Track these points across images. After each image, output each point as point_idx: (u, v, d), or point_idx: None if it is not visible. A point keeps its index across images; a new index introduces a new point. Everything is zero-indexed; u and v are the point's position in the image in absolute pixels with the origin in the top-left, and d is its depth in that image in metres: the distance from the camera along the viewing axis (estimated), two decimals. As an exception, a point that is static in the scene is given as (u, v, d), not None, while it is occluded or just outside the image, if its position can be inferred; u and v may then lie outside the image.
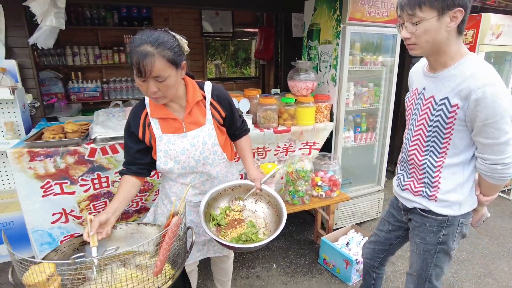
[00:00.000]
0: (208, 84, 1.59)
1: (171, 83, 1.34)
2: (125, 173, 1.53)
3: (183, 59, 1.39)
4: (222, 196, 1.71)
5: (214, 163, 1.61)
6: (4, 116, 2.75)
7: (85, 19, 4.37)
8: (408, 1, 1.24)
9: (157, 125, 1.50)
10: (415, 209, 1.52)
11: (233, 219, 1.62)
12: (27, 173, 2.13)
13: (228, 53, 7.54)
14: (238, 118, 1.71)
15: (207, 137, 1.54)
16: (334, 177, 2.76)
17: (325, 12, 2.93)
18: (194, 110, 1.53)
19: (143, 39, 1.27)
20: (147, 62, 1.24)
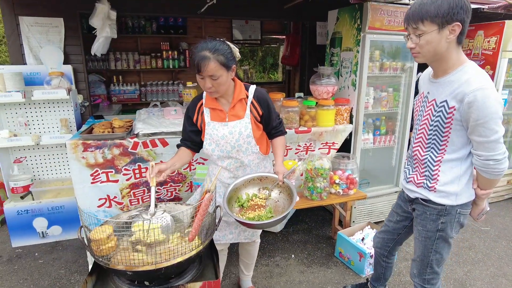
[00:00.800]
0: (252, 87, 1.94)
1: (222, 81, 1.71)
2: (181, 145, 1.97)
3: (234, 63, 1.76)
4: (251, 184, 1.97)
5: (247, 152, 1.92)
6: (60, 113, 3.16)
7: (127, 28, 4.81)
8: (413, 16, 1.44)
9: (208, 113, 1.89)
10: (417, 199, 1.71)
11: (255, 204, 1.87)
12: (80, 162, 2.49)
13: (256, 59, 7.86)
14: (274, 119, 1.98)
15: (243, 128, 1.86)
16: (351, 176, 2.94)
17: (347, 21, 3.13)
18: (237, 106, 1.88)
19: (204, 46, 1.66)
20: (205, 63, 1.63)
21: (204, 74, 1.66)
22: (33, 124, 3.15)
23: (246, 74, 6.40)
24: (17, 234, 3.06)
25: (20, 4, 3.01)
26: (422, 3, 1.40)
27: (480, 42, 3.76)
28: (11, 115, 3.08)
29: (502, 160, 1.45)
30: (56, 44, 3.14)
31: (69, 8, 3.09)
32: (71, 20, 3.13)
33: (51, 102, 3.10)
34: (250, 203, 1.86)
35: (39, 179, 3.28)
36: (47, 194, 3.12)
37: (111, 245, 1.36)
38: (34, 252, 2.99)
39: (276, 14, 3.87)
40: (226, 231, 2.10)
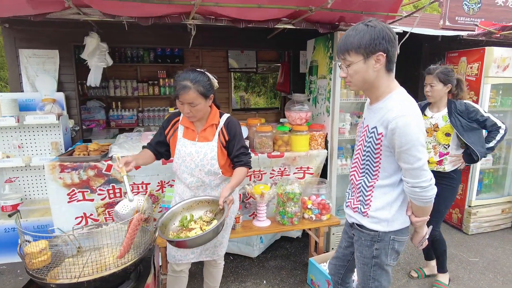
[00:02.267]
0: (225, 115, 2.13)
1: (200, 108, 1.92)
2: (146, 147, 2.16)
3: (211, 93, 1.96)
4: (199, 206, 2.03)
5: (209, 173, 2.06)
6: (51, 137, 3.38)
7: (127, 57, 5.14)
8: (340, 48, 1.52)
9: (182, 130, 2.08)
10: (353, 224, 1.72)
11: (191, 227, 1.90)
12: (57, 182, 2.64)
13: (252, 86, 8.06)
14: (238, 149, 2.07)
15: (209, 150, 2.02)
16: (324, 201, 2.95)
17: (322, 50, 3.25)
18: (208, 129, 2.06)
19: (186, 76, 1.87)
20: (185, 92, 1.83)
21: (184, 101, 1.86)
22: (26, 146, 3.37)
23: (242, 100, 6.58)
24: (3, 251, 3.20)
25: (20, 38, 3.31)
26: (348, 35, 1.48)
27: (464, 68, 3.78)
28: (6, 138, 3.31)
29: (427, 188, 1.46)
30: (51, 73, 3.41)
31: (64, 41, 3.37)
32: (66, 51, 3.41)
33: (42, 126, 3.32)
34: (190, 224, 1.91)
35: (29, 198, 3.46)
36: (35, 213, 3.28)
37: (43, 259, 1.44)
38: (17, 269, 3.11)
39: (262, 44, 4.05)
40: (187, 251, 2.15)
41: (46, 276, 1.40)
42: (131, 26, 2.68)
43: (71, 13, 2.52)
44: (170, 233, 1.87)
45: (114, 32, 3.32)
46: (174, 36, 3.65)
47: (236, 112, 6.46)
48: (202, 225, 1.89)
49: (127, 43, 3.90)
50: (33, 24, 3.19)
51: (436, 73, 2.57)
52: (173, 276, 2.24)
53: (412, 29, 2.93)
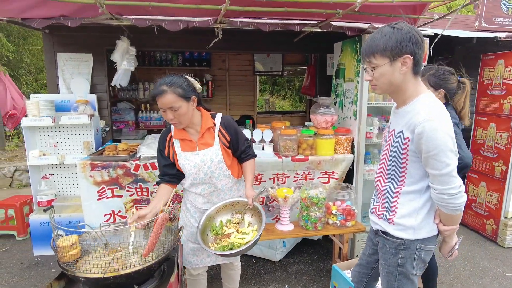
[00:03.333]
0: (219, 115, 2.06)
1: (182, 112, 1.83)
2: (160, 182, 2.02)
3: (193, 94, 1.88)
4: (224, 210, 2.06)
5: (220, 177, 2.02)
6: (83, 137, 3.52)
7: (156, 61, 5.29)
8: (365, 51, 1.50)
9: (178, 144, 2.00)
10: (378, 231, 1.67)
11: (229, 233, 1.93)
12: (88, 180, 2.75)
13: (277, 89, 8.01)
14: (243, 144, 2.09)
15: (214, 155, 1.97)
16: (349, 207, 2.89)
17: (349, 53, 3.20)
18: (206, 134, 1.99)
19: (161, 82, 1.83)
20: (162, 96, 1.78)
21: (164, 106, 1.80)
22: (60, 145, 3.54)
23: (267, 104, 6.58)
24: (39, 244, 3.37)
25: (58, 43, 3.49)
26: (373, 38, 1.46)
27: (501, 71, 3.59)
28: (43, 137, 3.50)
29: (457, 195, 1.40)
30: (85, 76, 3.57)
31: (97, 45, 3.52)
32: (99, 55, 3.55)
33: (76, 126, 3.48)
34: (224, 230, 1.93)
35: (62, 195, 3.63)
36: (67, 209, 3.43)
37: (74, 253, 1.51)
38: (50, 262, 3.27)
39: (288, 47, 4.04)
40: (203, 255, 2.17)
41: (76, 269, 1.46)
42: (159, 31, 2.75)
43: (104, 18, 2.63)
44: (210, 245, 1.88)
45: (143, 37, 3.43)
46: (201, 40, 3.71)
47: (260, 115, 6.47)
48: (235, 227, 1.91)
49: (156, 47, 4.00)
50: (70, 29, 3.35)
51: (428, 75, 2.23)
52: (191, 279, 2.26)
53: (443, 31, 2.82)
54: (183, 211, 2.20)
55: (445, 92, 2.24)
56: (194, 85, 1.93)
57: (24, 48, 7.99)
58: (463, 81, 2.24)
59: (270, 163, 2.93)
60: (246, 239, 1.87)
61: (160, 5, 2.31)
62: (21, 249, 3.55)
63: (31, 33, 8.08)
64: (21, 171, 5.70)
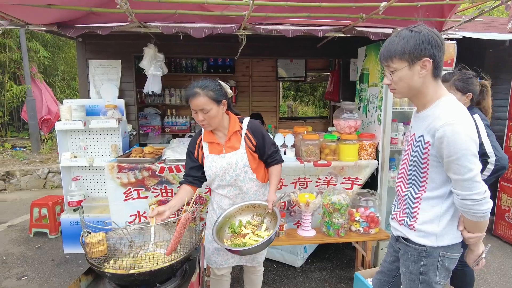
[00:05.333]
0: (246, 119, 2.12)
1: (213, 114, 1.91)
2: (183, 183, 2.09)
3: (224, 98, 1.97)
4: (246, 211, 2.08)
5: (245, 180, 2.06)
6: (111, 140, 3.66)
7: (182, 67, 5.44)
8: (383, 55, 1.48)
9: (206, 147, 2.08)
10: (399, 237, 1.63)
11: (245, 233, 1.95)
12: (115, 181, 2.85)
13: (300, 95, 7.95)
14: (269, 148, 2.11)
15: (239, 158, 2.02)
16: (373, 214, 2.83)
17: (373, 58, 3.17)
18: (233, 138, 2.05)
19: (195, 84, 1.92)
20: (195, 98, 1.87)
21: (196, 108, 1.89)
22: (90, 148, 3.69)
23: (290, 109, 6.58)
24: (68, 242, 3.52)
25: (90, 50, 3.67)
26: (391, 42, 1.45)
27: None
28: (74, 140, 3.67)
29: (481, 201, 1.35)
30: (114, 82, 3.72)
31: (126, 52, 3.67)
32: (127, 61, 3.70)
33: (104, 130, 3.62)
34: (241, 230, 1.95)
35: (91, 195, 3.77)
36: (95, 209, 3.57)
37: (101, 249, 1.57)
38: (79, 260, 3.40)
39: (312, 53, 4.05)
40: (227, 256, 2.20)
41: (103, 265, 1.52)
42: (185, 38, 2.84)
43: (133, 26, 2.74)
44: (224, 241, 1.92)
45: (170, 43, 3.55)
46: (225, 47, 3.80)
47: (283, 120, 6.48)
48: (252, 229, 1.93)
49: (182, 53, 4.13)
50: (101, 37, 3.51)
51: (453, 80, 2.23)
52: (215, 279, 2.29)
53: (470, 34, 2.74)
54: (210, 211, 2.26)
55: (471, 95, 2.23)
56: (225, 89, 2.02)
57: (59, 57, 8.43)
58: (484, 83, 2.26)
59: (292, 168, 2.93)
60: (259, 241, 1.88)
61: (185, 13, 2.38)
62: (52, 246, 3.71)
63: (64, 42, 8.53)
64: (54, 172, 5.98)
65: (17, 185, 5.81)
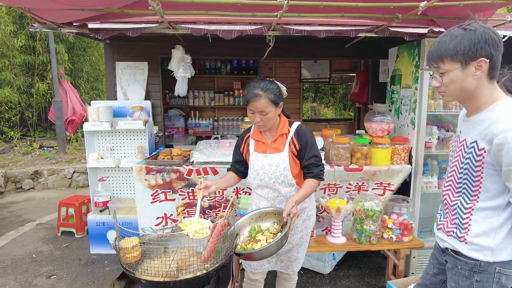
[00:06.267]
0: (295, 124, 2.09)
1: (270, 116, 1.92)
2: (230, 170, 2.20)
3: (281, 101, 1.97)
4: (268, 217, 2.01)
5: (284, 184, 2.02)
6: (137, 141, 3.68)
7: (205, 69, 5.44)
8: (432, 56, 1.38)
9: (253, 144, 2.09)
10: (447, 249, 1.52)
11: (259, 239, 1.87)
12: (143, 183, 2.85)
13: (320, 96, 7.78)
14: (308, 159, 2.00)
15: (281, 161, 1.99)
16: (407, 221, 2.72)
17: (406, 59, 3.05)
18: (278, 140, 2.04)
19: (256, 85, 1.91)
20: (256, 100, 1.86)
21: (255, 110, 1.88)
22: (117, 149, 3.72)
23: (313, 111, 6.47)
24: (95, 242, 3.54)
25: (117, 52, 3.70)
26: (441, 41, 1.34)
27: None
28: (101, 141, 3.70)
29: None
30: (140, 83, 3.73)
31: (153, 54, 3.68)
32: (154, 63, 3.71)
33: (131, 131, 3.64)
34: (256, 235, 1.88)
35: (116, 196, 3.80)
36: (121, 210, 3.58)
37: (135, 255, 1.54)
38: (105, 260, 3.42)
39: (339, 53, 3.95)
40: (263, 261, 2.14)
41: (137, 271, 1.49)
42: (213, 39, 2.81)
43: (162, 27, 2.73)
44: (239, 243, 1.85)
45: (197, 45, 3.53)
46: (251, 48, 3.74)
47: (306, 123, 6.38)
48: (268, 237, 1.85)
49: (207, 55, 4.11)
50: (128, 39, 3.53)
51: (503, 81, 2.11)
52: (249, 283, 2.24)
53: None
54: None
55: None
56: (283, 91, 2.01)
57: (84, 59, 8.62)
58: None
59: (322, 172, 2.84)
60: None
61: (216, 14, 2.34)
62: (79, 246, 3.76)
63: (89, 45, 8.71)
64: (79, 172, 6.10)
65: (45, 184, 5.95)
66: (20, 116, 7.52)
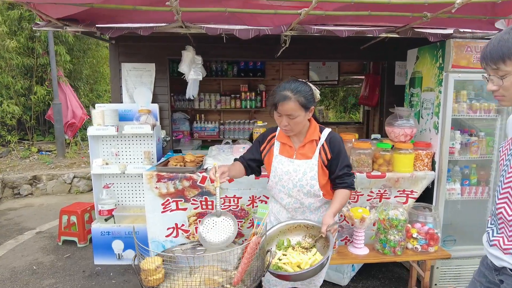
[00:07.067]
0: (327, 130, 1.93)
1: (299, 121, 1.77)
2: (238, 160, 2.03)
3: (312, 105, 1.80)
4: (297, 230, 1.87)
5: (309, 194, 1.86)
6: (144, 146, 3.51)
7: (211, 72, 5.29)
8: (491, 56, 1.24)
9: (278, 146, 1.94)
10: (505, 269, 1.38)
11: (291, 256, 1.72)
12: (153, 192, 2.68)
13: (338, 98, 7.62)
14: (341, 169, 1.87)
15: (309, 169, 1.83)
16: (432, 230, 2.58)
17: (428, 60, 2.92)
18: (307, 146, 1.88)
19: (286, 86, 1.74)
20: (285, 103, 1.70)
21: (282, 113, 1.72)
22: (122, 154, 3.55)
23: (321, 114, 6.35)
24: (99, 252, 3.36)
25: (124, 53, 3.54)
26: (501, 39, 1.21)
27: None
28: (106, 146, 3.53)
29: None
30: (147, 86, 3.58)
31: (160, 55, 3.52)
32: (162, 64, 3.55)
33: (137, 136, 3.47)
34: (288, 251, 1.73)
35: (121, 204, 3.62)
36: (127, 219, 3.41)
37: (158, 277, 1.38)
38: (110, 272, 3.24)
39: (352, 55, 3.83)
40: None
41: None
42: (220, 40, 2.66)
43: (174, 26, 2.58)
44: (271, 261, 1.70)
45: (207, 46, 3.38)
46: (261, 50, 3.60)
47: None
48: (300, 251, 1.71)
49: (218, 56, 3.97)
50: (135, 39, 3.39)
51: None
52: None
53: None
54: (270, 222, 2.05)
55: None
56: (315, 94, 1.84)
57: (84, 61, 8.43)
58: None
59: (342, 179, 2.70)
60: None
61: (236, 11, 2.20)
62: (82, 256, 3.58)
63: (89, 46, 8.53)
64: (79, 177, 5.90)
65: (43, 189, 5.75)
66: (18, 119, 7.31)
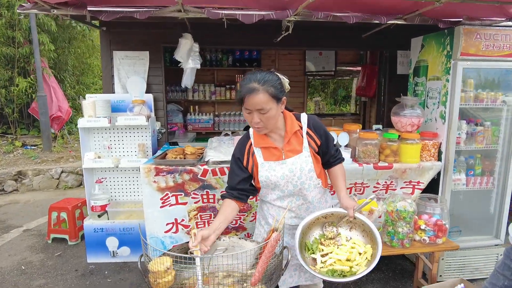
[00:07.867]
0: (304, 116, 1.76)
1: (271, 115, 1.57)
2: (226, 197, 1.70)
3: (284, 95, 1.61)
4: (316, 225, 1.76)
5: (310, 188, 1.74)
6: (138, 139, 3.35)
7: (206, 61, 5.11)
8: None
9: (260, 153, 1.72)
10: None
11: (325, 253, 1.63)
12: (151, 186, 2.54)
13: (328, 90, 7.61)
14: (332, 146, 1.80)
15: (304, 163, 1.69)
16: (440, 221, 2.52)
17: (434, 48, 2.84)
18: (293, 139, 1.70)
19: (252, 77, 1.54)
20: (253, 95, 1.50)
21: (252, 108, 1.53)
22: (115, 147, 3.38)
23: (317, 106, 6.27)
24: (92, 250, 3.21)
25: (115, 40, 3.35)
26: None
27: None
28: (97, 139, 3.35)
29: None
30: (141, 75, 3.40)
31: (154, 43, 3.35)
32: (156, 53, 3.38)
33: (131, 128, 3.31)
34: (321, 249, 1.64)
35: (115, 199, 3.46)
36: (121, 215, 3.26)
37: (168, 280, 1.26)
38: (104, 270, 3.09)
39: (353, 44, 3.73)
40: (285, 275, 1.87)
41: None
42: (219, 26, 2.52)
43: (173, 10, 2.42)
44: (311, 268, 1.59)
45: (205, 33, 3.22)
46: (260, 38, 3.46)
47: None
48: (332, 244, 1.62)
49: (216, 44, 3.81)
50: (127, 26, 3.20)
51: None
52: None
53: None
54: (261, 226, 1.91)
55: None
56: (285, 84, 1.65)
57: (69, 51, 8.10)
58: None
59: (348, 170, 2.58)
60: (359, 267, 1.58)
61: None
62: (74, 254, 3.41)
63: (75, 36, 8.19)
64: (67, 172, 5.68)
65: (30, 185, 5.51)
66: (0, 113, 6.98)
